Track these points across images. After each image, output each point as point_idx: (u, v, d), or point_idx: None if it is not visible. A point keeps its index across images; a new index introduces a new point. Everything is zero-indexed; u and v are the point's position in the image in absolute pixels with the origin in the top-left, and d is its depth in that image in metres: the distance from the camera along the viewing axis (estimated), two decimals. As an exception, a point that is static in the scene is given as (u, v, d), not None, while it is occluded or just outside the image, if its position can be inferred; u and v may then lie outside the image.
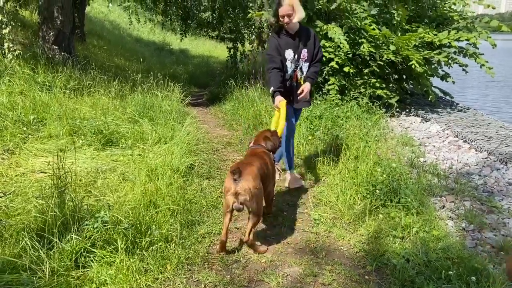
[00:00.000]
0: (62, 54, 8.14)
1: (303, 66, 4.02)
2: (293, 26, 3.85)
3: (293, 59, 3.95)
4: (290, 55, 3.92)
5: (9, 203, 3.24)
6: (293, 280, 2.75)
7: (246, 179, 2.89)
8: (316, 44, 4.02)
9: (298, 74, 4.02)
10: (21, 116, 5.40)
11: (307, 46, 3.96)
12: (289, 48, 3.91)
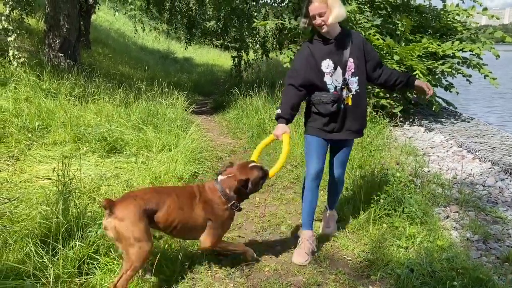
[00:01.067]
0: (67, 62, 8.22)
1: (351, 81, 2.97)
2: (331, 29, 2.89)
3: (334, 73, 2.95)
4: (329, 67, 2.93)
5: (14, 209, 3.25)
6: (295, 289, 2.74)
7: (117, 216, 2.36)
8: (367, 49, 3.04)
9: (343, 92, 2.97)
10: (26, 122, 5.44)
11: (354, 55, 2.96)
12: (327, 58, 2.94)
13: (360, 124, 3.15)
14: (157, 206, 2.48)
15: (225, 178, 2.73)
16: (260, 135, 6.66)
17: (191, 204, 2.61)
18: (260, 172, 2.78)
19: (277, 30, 10.77)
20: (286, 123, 3.01)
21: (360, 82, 3.01)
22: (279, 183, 4.73)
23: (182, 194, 2.64)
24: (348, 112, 3.03)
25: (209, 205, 2.66)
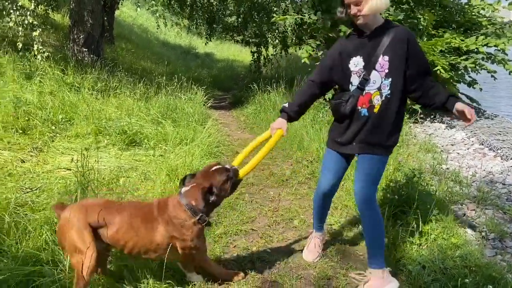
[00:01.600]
0: (91, 56, 8.41)
1: (383, 84, 2.45)
2: (370, 21, 2.44)
3: (361, 71, 2.48)
4: (358, 65, 2.49)
5: (35, 199, 3.38)
6: (307, 283, 2.77)
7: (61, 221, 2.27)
8: (412, 49, 2.44)
9: (375, 98, 2.46)
10: (50, 115, 5.61)
11: (391, 53, 2.43)
12: (358, 54, 2.49)
13: (383, 138, 2.51)
14: (102, 222, 2.24)
15: (189, 189, 2.40)
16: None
17: (149, 225, 2.31)
18: (223, 175, 2.39)
19: (296, 25, 10.71)
20: (288, 119, 2.72)
21: (394, 87, 2.45)
22: (294, 178, 4.75)
23: (138, 213, 2.34)
24: (369, 121, 2.50)
25: (173, 223, 2.34)
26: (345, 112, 2.52)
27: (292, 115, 2.72)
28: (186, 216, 2.34)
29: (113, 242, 2.28)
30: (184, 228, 2.33)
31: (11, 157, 4.41)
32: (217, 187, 2.37)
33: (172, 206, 2.37)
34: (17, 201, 3.24)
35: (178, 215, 2.34)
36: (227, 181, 2.40)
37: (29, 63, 6.60)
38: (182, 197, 2.38)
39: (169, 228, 2.32)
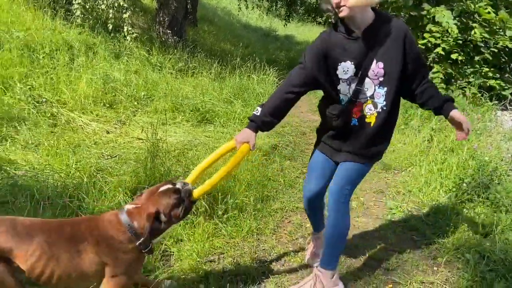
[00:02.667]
0: (174, 38, 8.89)
1: (377, 92, 2.12)
2: (358, 15, 2.02)
3: (352, 79, 2.11)
4: (348, 70, 2.10)
5: (114, 165, 3.76)
6: (356, 261, 2.78)
7: None
8: (409, 48, 2.08)
9: (366, 107, 2.15)
10: (134, 92, 6.10)
11: (386, 58, 2.07)
12: (347, 57, 2.09)
13: (373, 148, 2.24)
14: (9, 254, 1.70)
15: (133, 208, 1.95)
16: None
17: (74, 249, 1.79)
18: (173, 198, 1.95)
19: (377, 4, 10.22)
20: (255, 129, 2.20)
21: (389, 96, 2.11)
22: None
23: (58, 237, 1.80)
24: (359, 132, 2.20)
25: (106, 244, 1.85)
26: (337, 126, 2.20)
27: (260, 125, 2.20)
28: (125, 238, 1.87)
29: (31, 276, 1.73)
30: (120, 251, 1.86)
31: (98, 128, 4.91)
32: (165, 213, 1.93)
33: (109, 223, 1.90)
34: (98, 166, 3.65)
35: (115, 235, 1.87)
36: (178, 206, 1.95)
37: (119, 43, 7.17)
38: (123, 214, 1.92)
39: (100, 250, 1.83)
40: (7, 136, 3.97)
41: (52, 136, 4.25)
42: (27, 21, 6.14)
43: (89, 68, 5.92)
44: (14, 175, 3.22)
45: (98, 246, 1.83)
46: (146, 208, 1.92)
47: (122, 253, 1.87)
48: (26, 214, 2.71)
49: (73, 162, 3.56)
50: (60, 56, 5.83)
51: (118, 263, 1.87)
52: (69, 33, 6.58)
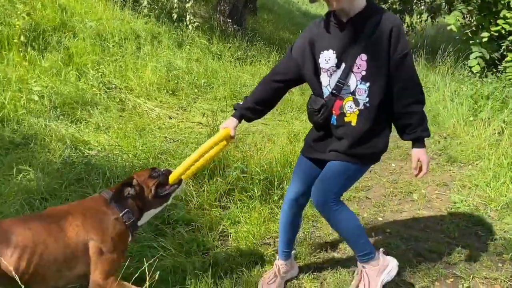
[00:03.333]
0: (234, 27, 9.02)
1: (359, 88, 1.94)
2: (345, 4, 1.89)
3: (335, 71, 1.97)
4: (330, 62, 1.97)
5: (176, 148, 3.93)
6: (416, 254, 2.71)
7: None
8: (394, 45, 1.88)
9: (346, 105, 1.98)
10: (195, 79, 6.30)
11: (370, 51, 1.90)
12: (329, 47, 1.97)
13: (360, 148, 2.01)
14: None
15: (115, 186, 2.09)
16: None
17: (58, 228, 1.72)
18: (149, 172, 2.04)
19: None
20: (238, 117, 2.16)
21: (373, 93, 1.93)
22: (421, 153, 4.50)
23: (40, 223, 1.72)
24: (339, 130, 2.03)
25: (90, 216, 1.82)
26: (319, 122, 2.06)
27: (244, 114, 2.17)
28: (108, 210, 1.87)
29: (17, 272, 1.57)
30: (105, 223, 1.83)
31: (162, 114, 5.14)
32: (138, 180, 1.98)
33: (91, 199, 1.98)
34: (162, 149, 3.84)
35: (98, 207, 1.88)
36: (151, 178, 2.01)
37: (181, 32, 7.41)
38: (106, 191, 1.97)
39: (85, 223, 1.78)
40: (81, 119, 4.28)
41: (120, 120, 4.52)
42: (99, 12, 6.51)
43: (154, 56, 6.18)
44: (88, 155, 3.48)
45: (84, 218, 1.79)
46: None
47: (106, 224, 1.83)
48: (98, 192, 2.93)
49: (140, 144, 3.77)
50: (128, 45, 6.14)
51: (103, 236, 1.79)
52: (136, 23, 6.90)
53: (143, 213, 2.01)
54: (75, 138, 3.74)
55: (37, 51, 5.09)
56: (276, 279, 2.34)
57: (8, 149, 3.42)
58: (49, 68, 4.91)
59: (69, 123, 4.12)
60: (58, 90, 4.48)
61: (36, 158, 3.29)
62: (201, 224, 2.81)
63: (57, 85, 4.60)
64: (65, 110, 4.31)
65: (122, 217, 1.87)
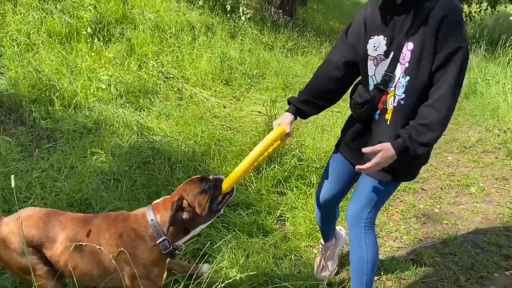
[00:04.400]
0: (284, 17, 9.05)
1: (399, 82, 1.69)
2: None
3: (379, 59, 1.73)
4: (378, 48, 1.73)
5: (233, 136, 4.09)
6: (474, 245, 2.71)
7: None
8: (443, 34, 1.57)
9: (390, 99, 1.73)
10: (247, 70, 6.44)
11: (417, 39, 1.62)
12: (380, 31, 1.72)
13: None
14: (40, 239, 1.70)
15: (160, 201, 1.84)
16: (468, 95, 6.13)
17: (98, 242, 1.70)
18: (197, 184, 1.80)
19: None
20: (294, 113, 1.91)
21: (411, 88, 1.66)
22: (479, 147, 4.39)
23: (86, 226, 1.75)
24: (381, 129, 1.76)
25: (127, 239, 1.72)
26: (360, 118, 1.86)
27: (300, 107, 1.91)
28: (146, 235, 1.74)
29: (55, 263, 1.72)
30: (138, 249, 1.72)
31: (217, 103, 5.33)
32: (189, 199, 1.77)
33: (134, 217, 1.80)
34: (220, 136, 4.01)
35: (136, 230, 1.75)
36: (203, 193, 1.78)
37: (234, 23, 7.55)
38: (149, 209, 1.80)
39: (120, 244, 1.70)
40: (144, 107, 4.54)
41: (179, 108, 4.74)
42: (157, 4, 6.78)
43: (208, 47, 6.37)
44: (153, 140, 3.71)
45: (120, 240, 1.71)
46: (170, 199, 1.80)
47: (141, 250, 1.72)
48: (164, 175, 3.14)
49: (200, 131, 3.96)
50: (184, 36, 6.37)
51: (137, 262, 1.71)
52: (191, 14, 7.12)
53: (190, 232, 1.84)
54: (140, 125, 3.99)
55: (102, 42, 5.41)
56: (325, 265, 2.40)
57: (82, 133, 3.72)
58: (113, 58, 5.21)
59: (133, 110, 4.39)
60: (123, 79, 4.77)
61: (107, 142, 3.55)
62: (259, 208, 2.94)
63: (122, 74, 4.89)
64: (129, 98, 4.59)
65: (159, 244, 1.73)
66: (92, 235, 1.71)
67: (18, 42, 4.66)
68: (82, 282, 1.80)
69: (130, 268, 1.70)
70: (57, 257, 1.70)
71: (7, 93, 3.87)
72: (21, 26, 4.85)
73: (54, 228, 1.72)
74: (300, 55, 7.40)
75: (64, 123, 3.74)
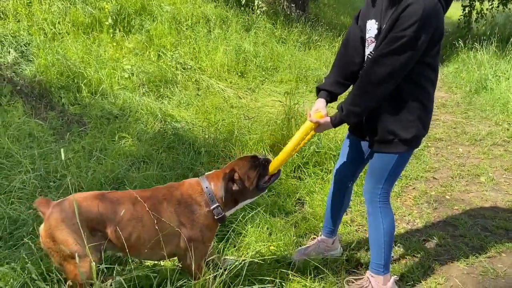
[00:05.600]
0: (297, 12, 9.18)
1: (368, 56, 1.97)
2: None
3: (371, 40, 1.95)
4: (370, 30, 1.95)
5: (251, 125, 4.25)
6: (483, 229, 2.86)
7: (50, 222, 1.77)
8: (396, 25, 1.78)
9: None
10: (262, 63, 6.59)
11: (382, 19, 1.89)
12: (372, 17, 1.94)
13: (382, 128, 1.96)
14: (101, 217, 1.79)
15: (212, 172, 2.05)
16: (479, 91, 6.24)
17: (156, 208, 1.87)
18: (248, 161, 2.01)
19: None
20: (326, 97, 2.09)
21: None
22: (488, 139, 4.52)
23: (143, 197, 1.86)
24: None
25: (185, 205, 1.91)
26: None
27: (330, 90, 2.09)
28: (202, 200, 1.93)
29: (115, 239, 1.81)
30: (195, 214, 1.91)
31: (233, 94, 5.49)
32: (240, 172, 1.97)
33: (189, 184, 1.98)
34: (238, 125, 4.17)
35: (193, 196, 1.94)
36: (253, 168, 1.99)
37: (248, 17, 7.69)
38: (203, 178, 2.00)
39: (178, 210, 1.89)
40: (164, 95, 4.72)
41: (198, 98, 4.91)
42: (174, -4, 6.94)
43: (224, 39, 6.53)
44: (175, 127, 3.88)
45: (178, 206, 1.89)
46: (224, 171, 2.00)
47: (197, 215, 1.91)
48: (189, 159, 3.32)
49: (220, 120, 4.14)
50: (199, 28, 6.52)
51: (194, 225, 1.90)
52: (206, 7, 7.27)
53: (238, 203, 2.02)
54: (162, 112, 4.17)
55: (123, 32, 5.59)
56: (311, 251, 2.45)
57: (109, 119, 3.90)
58: (133, 49, 5.39)
59: (155, 99, 4.57)
60: (144, 69, 4.94)
61: (133, 128, 3.73)
62: (280, 191, 3.11)
63: (142, 64, 5.06)
64: (150, 87, 4.77)
65: (213, 210, 1.92)
66: (150, 205, 1.83)
67: (45, 31, 4.85)
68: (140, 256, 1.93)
69: (187, 231, 1.88)
70: (120, 232, 1.77)
71: (37, 79, 4.06)
72: (47, 16, 5.04)
73: (112, 205, 1.81)
74: (313, 49, 7.53)
75: (91, 109, 3.93)
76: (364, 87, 1.88)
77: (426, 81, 1.91)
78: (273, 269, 2.26)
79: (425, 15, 1.72)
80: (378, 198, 2.09)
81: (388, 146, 1.98)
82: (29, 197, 2.57)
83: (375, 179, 2.08)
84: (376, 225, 2.13)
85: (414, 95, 1.90)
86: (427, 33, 1.76)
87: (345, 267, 2.43)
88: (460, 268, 2.45)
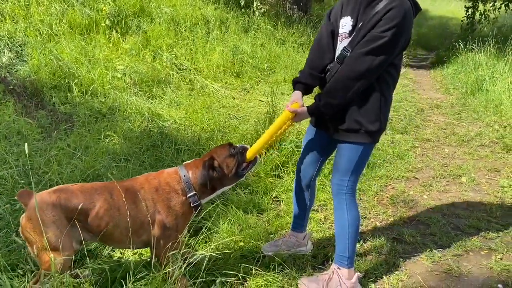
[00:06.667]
0: (299, 13, 9.22)
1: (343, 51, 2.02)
2: None
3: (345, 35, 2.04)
4: (345, 26, 2.04)
5: (238, 124, 4.32)
6: (455, 228, 2.87)
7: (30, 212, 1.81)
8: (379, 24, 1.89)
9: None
10: (258, 63, 6.66)
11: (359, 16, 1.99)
12: (348, 14, 2.04)
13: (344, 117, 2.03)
14: (82, 208, 1.83)
15: (191, 162, 2.11)
16: (474, 92, 6.21)
17: (134, 197, 1.92)
18: (226, 149, 2.07)
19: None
20: (302, 89, 2.17)
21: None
22: (477, 140, 4.52)
23: (119, 189, 1.91)
24: None
25: (162, 193, 1.96)
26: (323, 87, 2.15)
27: (305, 82, 2.16)
28: (179, 188, 1.99)
29: (94, 228, 1.88)
30: (172, 201, 1.97)
31: (226, 94, 5.57)
32: (219, 160, 2.03)
33: (167, 173, 2.04)
34: (225, 124, 4.24)
35: (170, 184, 1.99)
36: (231, 156, 2.05)
37: (248, 18, 7.77)
38: (181, 167, 2.06)
39: (156, 197, 1.95)
40: (156, 95, 4.82)
41: (190, 98, 5.00)
42: (173, -2, 7.05)
43: (221, 41, 6.61)
44: (162, 126, 3.97)
45: (155, 193, 1.95)
46: (202, 159, 2.07)
47: (174, 203, 1.96)
48: (170, 157, 3.40)
49: (206, 119, 4.21)
50: (198, 29, 6.61)
51: (170, 212, 1.95)
52: (206, 9, 7.36)
53: (216, 191, 2.09)
54: (151, 111, 4.26)
55: (119, 34, 5.70)
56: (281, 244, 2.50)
57: (97, 118, 4.01)
58: (129, 50, 5.50)
59: (146, 98, 4.67)
60: (137, 69, 5.05)
61: (120, 126, 3.83)
62: (257, 189, 3.17)
63: (136, 64, 5.17)
64: (143, 87, 4.87)
65: (189, 198, 1.98)
66: (128, 194, 1.90)
67: (41, 32, 4.99)
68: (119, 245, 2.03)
69: (162, 218, 1.94)
70: (98, 220, 1.85)
71: (29, 79, 4.19)
72: (44, 17, 5.18)
73: (92, 195, 1.88)
74: (311, 50, 7.56)
75: (81, 108, 4.04)
76: (343, 81, 1.96)
77: (390, 78, 2.03)
78: (238, 264, 2.31)
79: (405, 18, 1.87)
80: (345, 190, 2.17)
81: (354, 135, 2.06)
82: (9, 192, 2.67)
83: (342, 171, 2.15)
84: (341, 216, 2.19)
85: (381, 91, 2.01)
86: (405, 34, 1.92)
87: (311, 263, 2.48)
88: (425, 266, 2.48)
